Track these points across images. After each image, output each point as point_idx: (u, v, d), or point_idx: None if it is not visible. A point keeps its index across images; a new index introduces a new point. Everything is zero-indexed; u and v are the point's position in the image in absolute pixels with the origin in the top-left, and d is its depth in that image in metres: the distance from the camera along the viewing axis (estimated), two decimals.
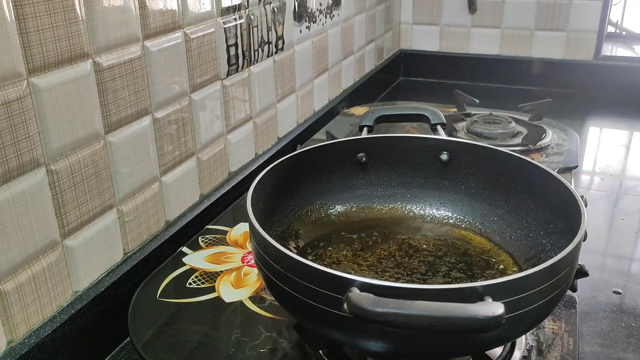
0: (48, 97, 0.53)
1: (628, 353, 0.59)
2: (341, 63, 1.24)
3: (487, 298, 0.42)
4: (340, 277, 0.44)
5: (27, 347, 0.53)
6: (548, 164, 0.92)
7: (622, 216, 0.86)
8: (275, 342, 0.58)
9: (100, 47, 0.59)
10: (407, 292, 0.42)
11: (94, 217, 0.61)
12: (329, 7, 1.13)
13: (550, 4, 1.43)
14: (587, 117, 1.30)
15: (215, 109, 0.81)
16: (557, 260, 0.46)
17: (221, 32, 0.80)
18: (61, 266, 0.58)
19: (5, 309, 0.52)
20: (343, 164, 0.70)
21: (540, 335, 0.59)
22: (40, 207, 0.54)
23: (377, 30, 1.44)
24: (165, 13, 0.68)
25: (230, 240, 0.76)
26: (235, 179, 0.87)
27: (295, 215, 0.67)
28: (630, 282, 0.71)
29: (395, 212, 0.71)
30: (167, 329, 0.60)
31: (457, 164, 0.69)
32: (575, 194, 0.55)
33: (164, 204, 0.73)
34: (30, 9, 0.50)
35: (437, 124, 0.72)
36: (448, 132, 0.95)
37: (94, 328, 0.60)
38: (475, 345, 0.48)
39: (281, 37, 0.96)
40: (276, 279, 0.49)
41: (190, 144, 0.76)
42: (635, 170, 1.01)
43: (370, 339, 0.46)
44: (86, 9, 0.56)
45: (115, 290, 0.63)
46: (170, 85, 0.71)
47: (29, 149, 0.52)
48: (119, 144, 0.63)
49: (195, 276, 0.68)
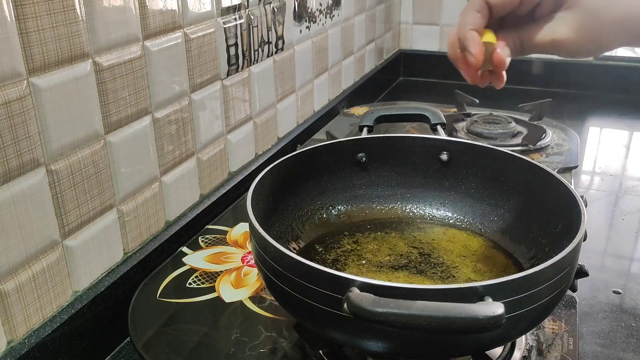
0: (48, 97, 0.53)
1: (628, 353, 0.59)
2: (341, 63, 1.24)
3: (487, 298, 0.42)
4: (340, 277, 0.44)
5: (27, 347, 0.53)
6: (548, 164, 0.92)
7: (622, 216, 0.86)
8: (275, 342, 0.58)
9: (100, 47, 0.59)
10: (407, 292, 0.42)
11: (94, 217, 0.61)
12: (329, 7, 1.13)
13: None
14: (587, 117, 1.30)
15: (215, 109, 0.81)
16: (557, 260, 0.46)
17: (221, 32, 0.80)
18: (61, 266, 0.58)
19: (5, 309, 0.52)
20: (343, 164, 0.70)
21: (540, 335, 0.59)
22: (40, 207, 0.54)
23: (377, 30, 1.44)
24: (165, 13, 0.68)
25: (230, 240, 0.76)
26: (235, 179, 0.87)
27: (295, 215, 0.67)
28: (630, 282, 0.71)
29: (395, 212, 0.71)
30: (167, 329, 0.60)
31: (457, 164, 0.69)
32: (575, 194, 0.55)
33: (164, 204, 0.73)
34: (30, 9, 0.50)
35: (437, 124, 0.72)
36: (448, 132, 0.95)
37: (94, 328, 0.60)
38: (475, 345, 0.48)
39: (281, 37, 0.96)
40: (276, 279, 0.49)
41: (190, 144, 0.76)
42: (635, 170, 1.01)
43: (370, 339, 0.46)
44: (86, 9, 0.56)
45: (115, 290, 0.63)
46: (170, 85, 0.71)
47: (29, 149, 0.52)
48: (119, 144, 0.63)
49: (195, 276, 0.68)
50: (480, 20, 0.50)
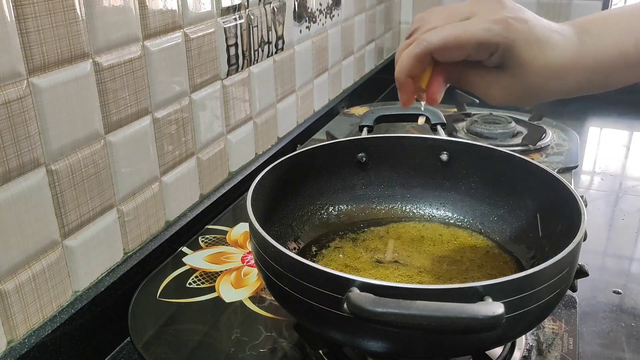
0: (48, 97, 0.53)
1: (628, 353, 0.59)
2: (341, 63, 1.24)
3: (487, 298, 0.42)
4: (340, 277, 0.44)
5: (27, 347, 0.53)
6: (548, 164, 0.92)
7: (622, 216, 0.86)
8: (275, 342, 0.58)
9: (100, 47, 0.59)
10: (407, 292, 0.42)
11: (94, 217, 0.61)
12: (329, 7, 1.13)
13: (550, 4, 1.43)
14: (587, 117, 1.30)
15: (215, 109, 0.81)
16: (557, 260, 0.46)
17: (221, 32, 0.80)
18: (61, 266, 0.58)
19: (5, 309, 0.52)
20: (343, 164, 0.70)
21: (540, 335, 0.59)
22: (40, 207, 0.54)
23: (377, 30, 1.44)
24: (165, 13, 0.68)
25: (230, 240, 0.76)
26: (235, 179, 0.87)
27: (295, 215, 0.67)
28: (630, 282, 0.71)
29: (395, 212, 0.71)
30: (167, 329, 0.60)
31: (457, 164, 0.69)
32: (575, 194, 0.55)
33: (164, 204, 0.73)
34: (30, 9, 0.50)
35: (437, 124, 0.72)
36: (448, 132, 0.95)
37: (94, 328, 0.60)
38: (475, 345, 0.48)
39: (281, 37, 0.96)
40: (276, 279, 0.49)
41: (190, 144, 0.76)
42: (635, 170, 1.01)
43: (370, 339, 0.46)
44: (86, 9, 0.56)
45: (115, 290, 0.63)
46: (170, 85, 0.71)
47: (29, 149, 0.52)
48: (119, 144, 0.63)
49: (195, 276, 0.68)
50: (418, 70, 0.50)
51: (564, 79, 0.49)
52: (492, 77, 0.49)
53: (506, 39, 0.46)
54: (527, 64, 0.47)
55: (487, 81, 0.50)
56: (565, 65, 0.48)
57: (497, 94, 0.49)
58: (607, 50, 0.49)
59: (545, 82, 0.48)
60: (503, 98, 0.50)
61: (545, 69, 0.48)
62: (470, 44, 0.47)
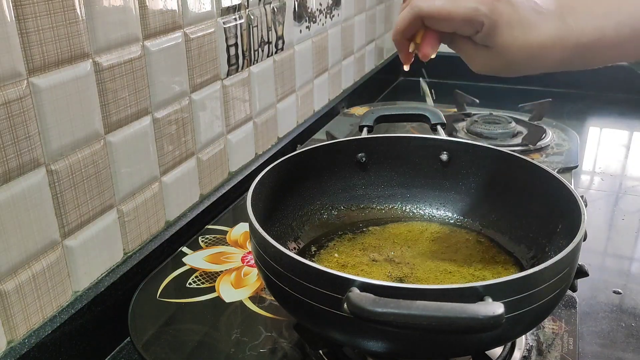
0: (48, 97, 0.53)
1: (628, 353, 0.59)
2: (341, 63, 1.24)
3: (487, 298, 0.42)
4: (340, 277, 0.44)
5: (27, 347, 0.53)
6: (548, 164, 0.92)
7: (622, 216, 0.86)
8: (275, 342, 0.58)
9: (100, 47, 0.59)
10: (407, 292, 0.42)
11: (94, 217, 0.61)
12: (329, 7, 1.13)
13: None
14: (587, 117, 1.30)
15: (215, 109, 0.81)
16: (557, 260, 0.46)
17: (221, 32, 0.80)
18: (61, 266, 0.58)
19: (5, 309, 0.52)
20: (343, 164, 0.70)
21: (540, 335, 0.59)
22: (40, 207, 0.54)
23: (377, 30, 1.44)
24: (165, 13, 0.68)
25: (230, 240, 0.76)
26: (235, 179, 0.87)
27: (295, 215, 0.67)
28: (630, 282, 0.71)
29: (395, 212, 0.71)
30: (167, 329, 0.60)
31: (457, 164, 0.69)
32: (575, 194, 0.55)
33: (164, 204, 0.73)
34: (30, 9, 0.50)
35: (437, 124, 0.72)
36: (448, 132, 0.95)
37: (94, 328, 0.60)
38: (475, 345, 0.48)
39: (281, 37, 0.96)
40: (276, 279, 0.49)
41: (190, 144, 0.76)
42: (635, 170, 1.01)
43: (370, 339, 0.46)
44: (86, 9, 0.56)
45: (115, 290, 0.63)
46: (170, 85, 0.71)
47: (29, 149, 0.52)
48: (119, 144, 0.63)
49: (195, 276, 0.68)
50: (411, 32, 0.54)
51: (544, 58, 0.51)
52: (477, 49, 0.53)
53: (489, 19, 0.49)
54: (508, 44, 0.50)
55: (472, 51, 0.53)
56: (545, 45, 0.50)
57: (481, 64, 0.53)
58: (588, 32, 0.51)
59: (525, 60, 0.51)
60: (485, 69, 0.53)
61: (526, 49, 0.50)
62: (458, 20, 0.50)
